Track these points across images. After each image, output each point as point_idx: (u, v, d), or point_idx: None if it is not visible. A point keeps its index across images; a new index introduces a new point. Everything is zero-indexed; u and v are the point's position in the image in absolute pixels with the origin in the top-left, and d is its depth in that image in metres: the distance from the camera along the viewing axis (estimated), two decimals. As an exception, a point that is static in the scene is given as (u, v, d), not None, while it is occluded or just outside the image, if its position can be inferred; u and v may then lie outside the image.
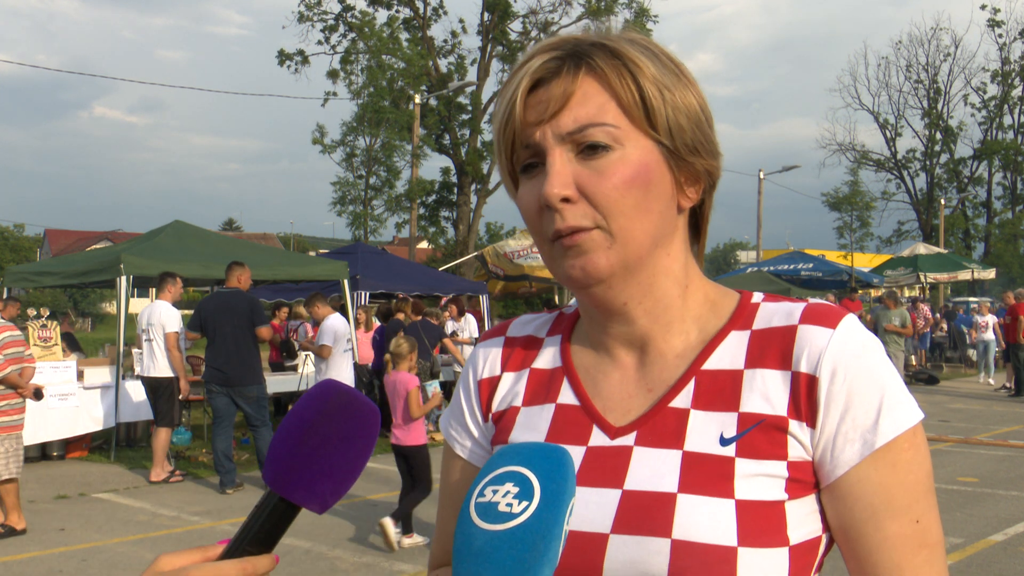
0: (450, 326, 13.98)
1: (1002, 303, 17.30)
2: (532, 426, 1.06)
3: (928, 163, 49.55)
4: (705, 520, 0.91)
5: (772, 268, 27.16)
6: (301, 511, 0.84)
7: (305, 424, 0.82)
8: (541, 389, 1.09)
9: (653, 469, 0.96)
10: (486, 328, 16.93)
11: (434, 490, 6.83)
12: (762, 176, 35.44)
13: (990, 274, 30.62)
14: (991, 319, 19.63)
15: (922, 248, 30.87)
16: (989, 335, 19.52)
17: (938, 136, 49.10)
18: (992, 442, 11.74)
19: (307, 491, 0.82)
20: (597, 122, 0.94)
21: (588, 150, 0.95)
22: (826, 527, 0.97)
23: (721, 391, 0.98)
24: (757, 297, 1.06)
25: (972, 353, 20.36)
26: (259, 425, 8.79)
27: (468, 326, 14.39)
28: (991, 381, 19.25)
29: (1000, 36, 48.14)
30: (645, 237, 0.97)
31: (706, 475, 0.93)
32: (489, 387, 1.14)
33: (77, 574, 6.14)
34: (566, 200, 0.95)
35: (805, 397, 0.95)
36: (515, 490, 0.82)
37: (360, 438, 0.84)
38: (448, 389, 13.01)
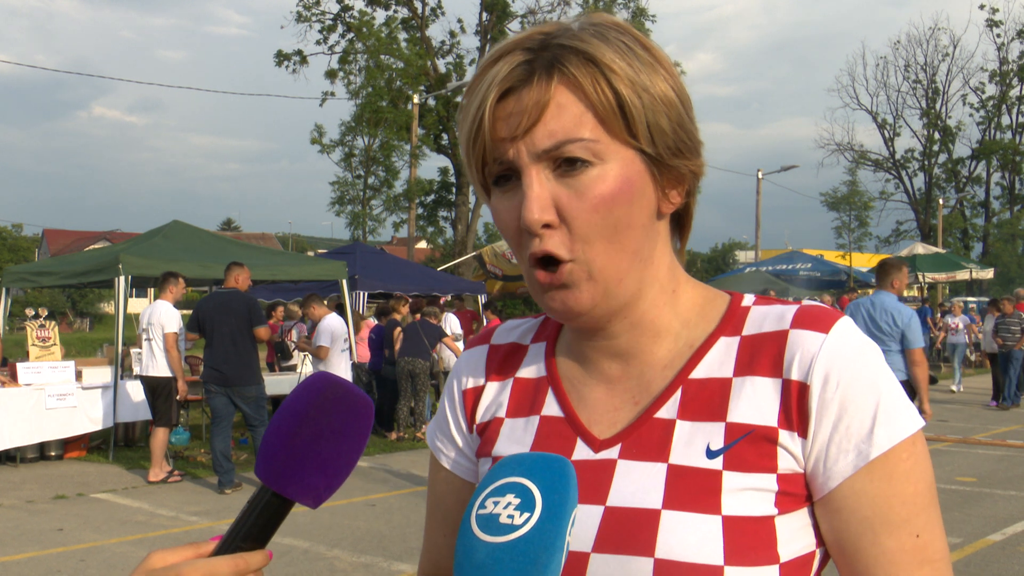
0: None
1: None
2: (516, 438, 1.02)
3: (926, 163, 49.60)
4: (690, 538, 0.87)
5: (770, 268, 27.20)
6: (294, 508, 0.83)
7: (297, 417, 0.81)
8: (526, 400, 1.05)
9: (637, 484, 0.92)
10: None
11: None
12: (760, 176, 35.48)
13: (988, 274, 30.66)
14: (962, 320, 18.59)
15: (920, 248, 30.90)
16: (960, 338, 18.42)
17: (936, 136, 49.15)
18: (990, 442, 11.75)
19: (300, 485, 0.80)
20: (574, 137, 0.88)
21: (566, 165, 0.89)
22: (820, 541, 0.93)
23: (709, 400, 0.94)
24: (748, 300, 1.01)
25: (969, 355, 19.56)
26: (257, 425, 8.79)
27: (449, 324, 14.30)
28: (955, 388, 18.03)
29: (998, 36, 48.24)
30: (625, 258, 0.92)
31: (691, 490, 0.89)
32: (473, 397, 1.10)
33: (76, 574, 6.14)
34: (546, 226, 0.90)
35: (796, 406, 0.90)
36: (516, 501, 0.80)
37: (353, 431, 0.82)
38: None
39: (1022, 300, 16.17)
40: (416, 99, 27.24)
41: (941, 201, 45.42)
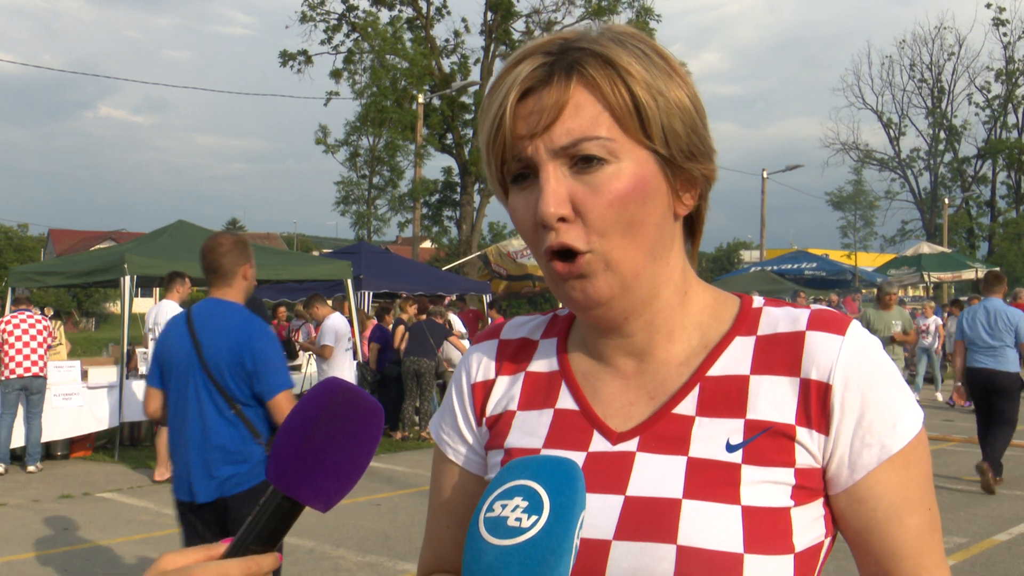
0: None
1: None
2: (530, 430, 1.04)
3: (932, 162, 49.55)
4: (711, 526, 0.90)
5: (776, 268, 27.18)
6: (304, 510, 0.83)
7: (309, 422, 0.82)
8: (538, 393, 1.07)
9: (657, 475, 0.94)
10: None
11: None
12: (765, 176, 35.42)
13: (994, 273, 30.53)
14: (933, 322, 16.91)
15: (926, 247, 30.84)
16: (930, 341, 16.63)
17: (942, 135, 49.08)
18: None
19: (311, 489, 0.81)
20: (591, 135, 0.92)
21: (582, 163, 0.92)
22: (828, 532, 0.98)
23: (727, 397, 0.97)
24: (758, 301, 1.05)
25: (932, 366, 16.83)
26: (262, 425, 8.79)
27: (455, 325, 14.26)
28: (940, 397, 16.52)
29: (1005, 35, 48.11)
30: (640, 253, 0.95)
31: (712, 481, 0.92)
32: (483, 391, 1.11)
33: (81, 573, 6.15)
34: (562, 220, 0.93)
35: (817, 405, 0.95)
36: (524, 504, 0.81)
37: (364, 436, 0.83)
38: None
39: (1020, 300, 15.41)
40: (421, 99, 27.24)
41: (947, 200, 45.33)
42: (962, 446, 11.34)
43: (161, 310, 9.26)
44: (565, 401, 1.04)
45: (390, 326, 12.86)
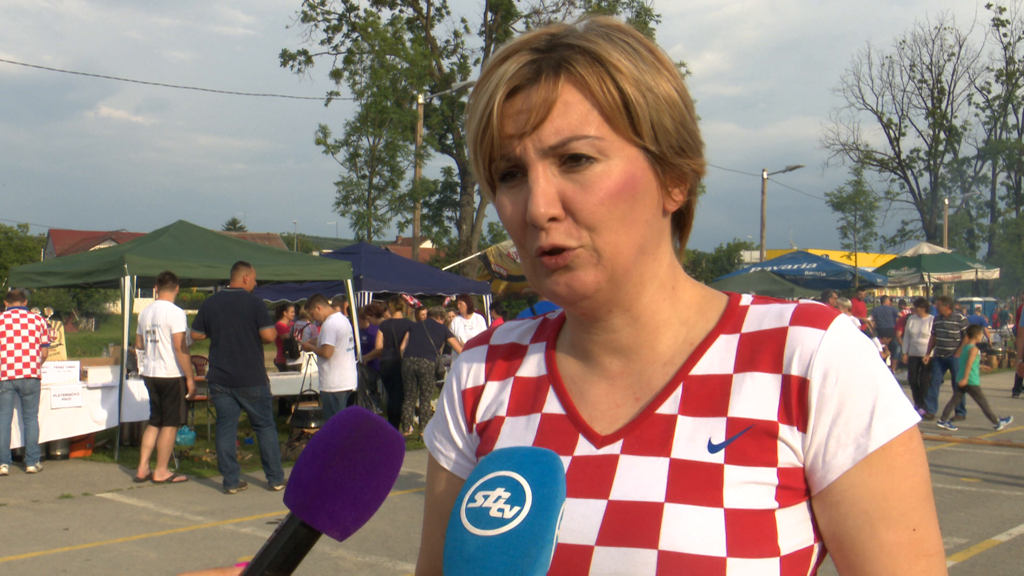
0: (458, 323, 13.85)
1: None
2: (518, 437, 1.03)
3: (932, 163, 49.55)
4: (693, 530, 0.88)
5: (775, 268, 27.17)
6: (320, 537, 0.83)
7: (331, 450, 0.81)
8: (527, 398, 1.06)
9: (640, 478, 0.93)
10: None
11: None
12: (766, 176, 35.43)
13: (994, 274, 30.64)
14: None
15: (926, 248, 30.88)
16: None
17: (942, 136, 49.10)
18: (996, 442, 11.72)
19: (330, 517, 0.81)
20: (580, 135, 0.90)
21: (571, 161, 0.91)
22: (818, 537, 0.94)
23: (710, 396, 0.95)
24: (746, 299, 1.02)
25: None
26: (262, 425, 8.80)
27: (477, 324, 14.26)
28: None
29: (1005, 35, 48.17)
30: (631, 249, 0.94)
31: (694, 483, 0.91)
32: (473, 397, 1.10)
33: (81, 574, 6.15)
34: (552, 219, 0.92)
35: (796, 400, 0.92)
36: (506, 495, 0.81)
37: (385, 467, 0.83)
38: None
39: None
40: (421, 99, 27.24)
41: (947, 201, 45.34)
42: (962, 447, 11.35)
43: (160, 311, 9.26)
44: (552, 405, 1.03)
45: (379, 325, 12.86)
